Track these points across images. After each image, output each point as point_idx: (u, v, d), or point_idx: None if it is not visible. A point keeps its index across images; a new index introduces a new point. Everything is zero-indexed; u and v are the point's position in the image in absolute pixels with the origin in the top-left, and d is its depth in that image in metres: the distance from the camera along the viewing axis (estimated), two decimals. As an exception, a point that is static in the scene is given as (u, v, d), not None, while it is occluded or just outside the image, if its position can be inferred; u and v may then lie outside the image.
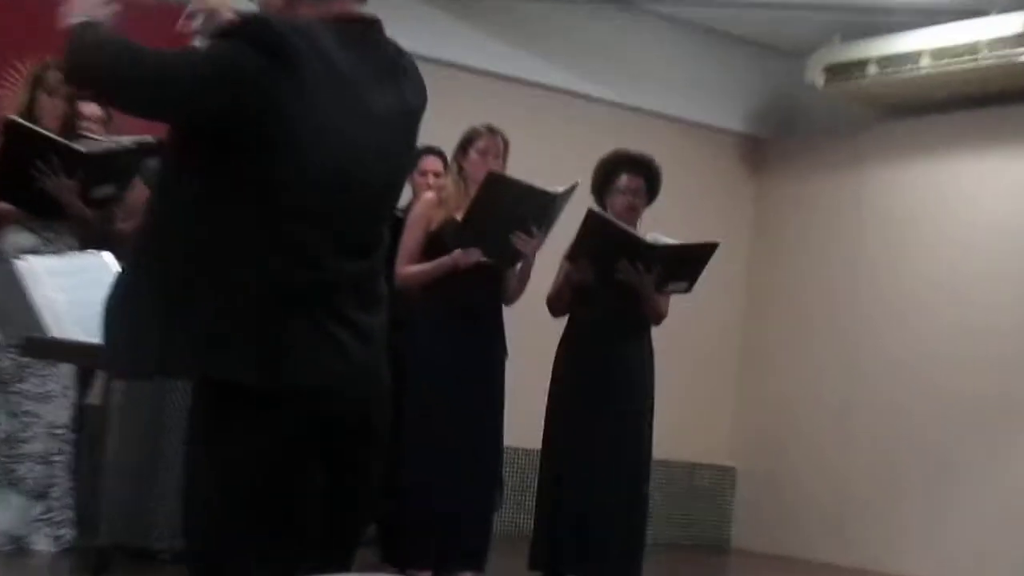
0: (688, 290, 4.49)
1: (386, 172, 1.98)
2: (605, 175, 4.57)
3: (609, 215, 4.47)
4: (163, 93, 1.83)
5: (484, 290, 4.37)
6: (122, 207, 4.35)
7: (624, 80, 6.52)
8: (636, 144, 4.76)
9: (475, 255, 4.26)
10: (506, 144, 4.42)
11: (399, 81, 1.97)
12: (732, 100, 7.01)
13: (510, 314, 4.50)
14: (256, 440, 1.82)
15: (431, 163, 4.89)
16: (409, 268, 4.34)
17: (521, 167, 4.46)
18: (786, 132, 7.18)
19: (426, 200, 4.49)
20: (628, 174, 4.54)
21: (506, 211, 4.21)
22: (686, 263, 4.43)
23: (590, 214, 4.32)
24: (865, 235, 6.69)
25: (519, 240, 4.26)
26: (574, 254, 4.41)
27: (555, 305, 4.55)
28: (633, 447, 4.42)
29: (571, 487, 4.35)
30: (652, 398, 4.54)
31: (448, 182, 4.51)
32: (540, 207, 4.26)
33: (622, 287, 4.33)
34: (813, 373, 6.75)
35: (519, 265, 4.41)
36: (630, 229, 4.38)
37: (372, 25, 1.96)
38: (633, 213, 4.54)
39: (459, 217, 4.29)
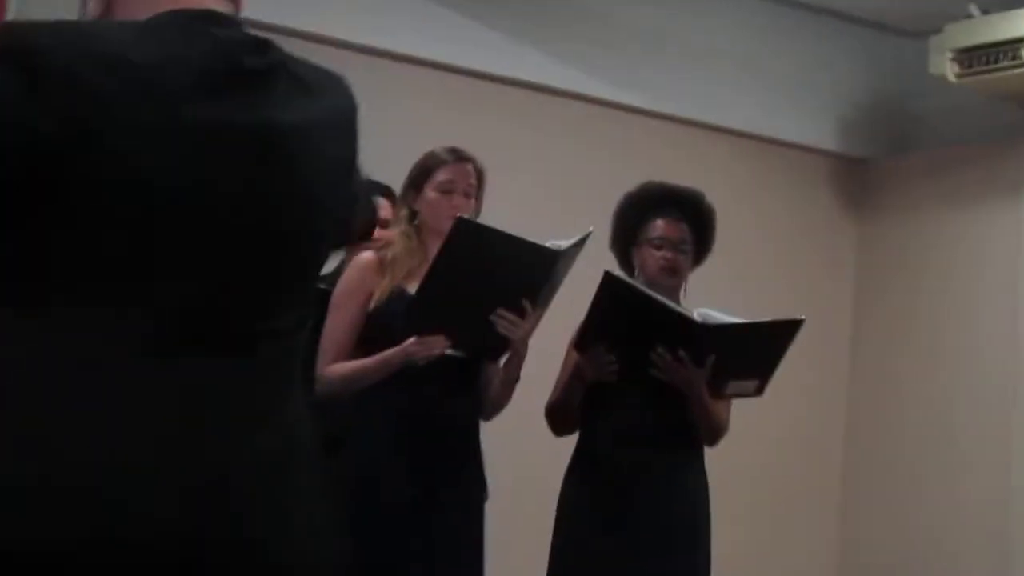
0: (760, 392, 4.32)
1: (256, 220, 1.97)
2: (631, 220, 4.44)
3: (637, 280, 4.30)
4: None
5: (452, 398, 4.10)
6: None
7: (670, 83, 6.56)
8: (686, 171, 4.69)
9: (437, 345, 3.99)
10: (480, 176, 4.20)
11: (267, 93, 2.01)
12: (823, 105, 7.03)
13: (489, 431, 4.25)
14: None
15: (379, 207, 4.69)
16: (337, 367, 4.06)
17: (537, 206, 4.57)
18: (901, 148, 7.19)
19: (362, 263, 4.20)
20: (665, 219, 4.39)
21: (483, 277, 3.99)
22: (755, 351, 4.26)
23: (608, 279, 4.14)
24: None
25: (503, 321, 4.01)
26: (585, 339, 4.25)
27: (559, 416, 4.40)
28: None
29: None
30: (708, 551, 4.36)
31: (396, 235, 4.25)
32: (535, 271, 4.04)
33: (659, 388, 4.17)
34: (955, 504, 6.61)
35: (504, 358, 4.15)
36: (668, 302, 4.17)
37: (211, 20, 2.02)
38: (673, 276, 4.39)
39: (412, 288, 4.05)
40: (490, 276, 4.00)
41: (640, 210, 4.44)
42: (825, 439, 7.01)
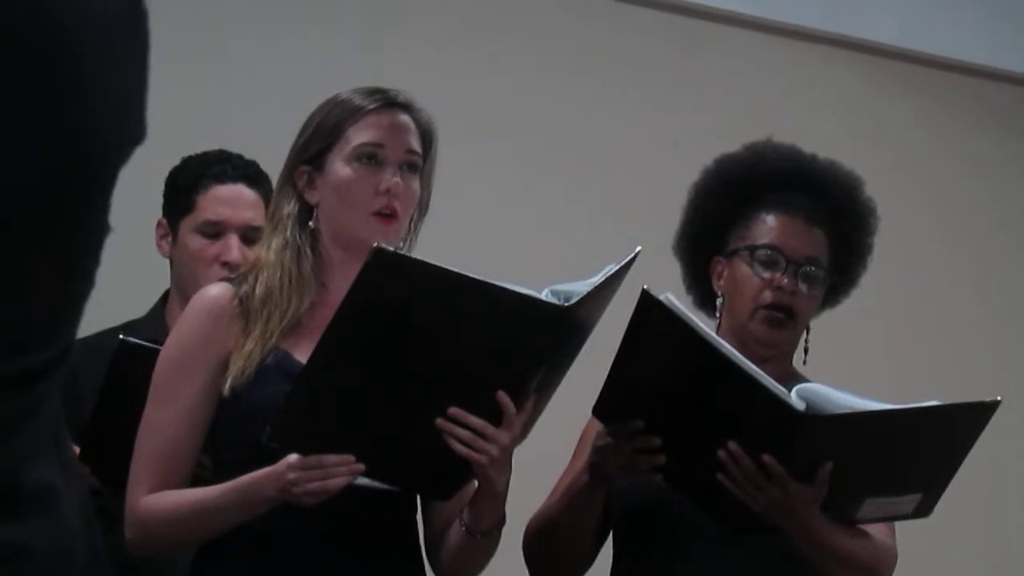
0: (925, 512, 3.06)
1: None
2: (718, 207, 3.20)
3: (694, 322, 2.96)
4: None
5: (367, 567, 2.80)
6: None
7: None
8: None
9: (339, 471, 2.66)
10: (428, 137, 2.89)
11: None
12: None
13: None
14: None
15: (231, 202, 3.47)
16: (162, 499, 2.84)
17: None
18: None
19: (208, 305, 2.98)
20: (784, 215, 3.10)
21: (427, 349, 2.72)
22: (910, 451, 3.04)
23: (648, 304, 2.92)
24: None
25: (460, 430, 2.67)
26: (610, 404, 3.03)
27: (548, 547, 3.08)
28: None
29: None
30: None
31: (270, 254, 2.96)
32: (523, 339, 2.77)
33: (736, 511, 2.91)
34: None
35: (474, 491, 2.83)
36: (749, 365, 2.84)
37: None
38: (784, 326, 3.07)
39: (300, 353, 2.77)
40: (442, 347, 2.70)
41: (738, 191, 3.08)
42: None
